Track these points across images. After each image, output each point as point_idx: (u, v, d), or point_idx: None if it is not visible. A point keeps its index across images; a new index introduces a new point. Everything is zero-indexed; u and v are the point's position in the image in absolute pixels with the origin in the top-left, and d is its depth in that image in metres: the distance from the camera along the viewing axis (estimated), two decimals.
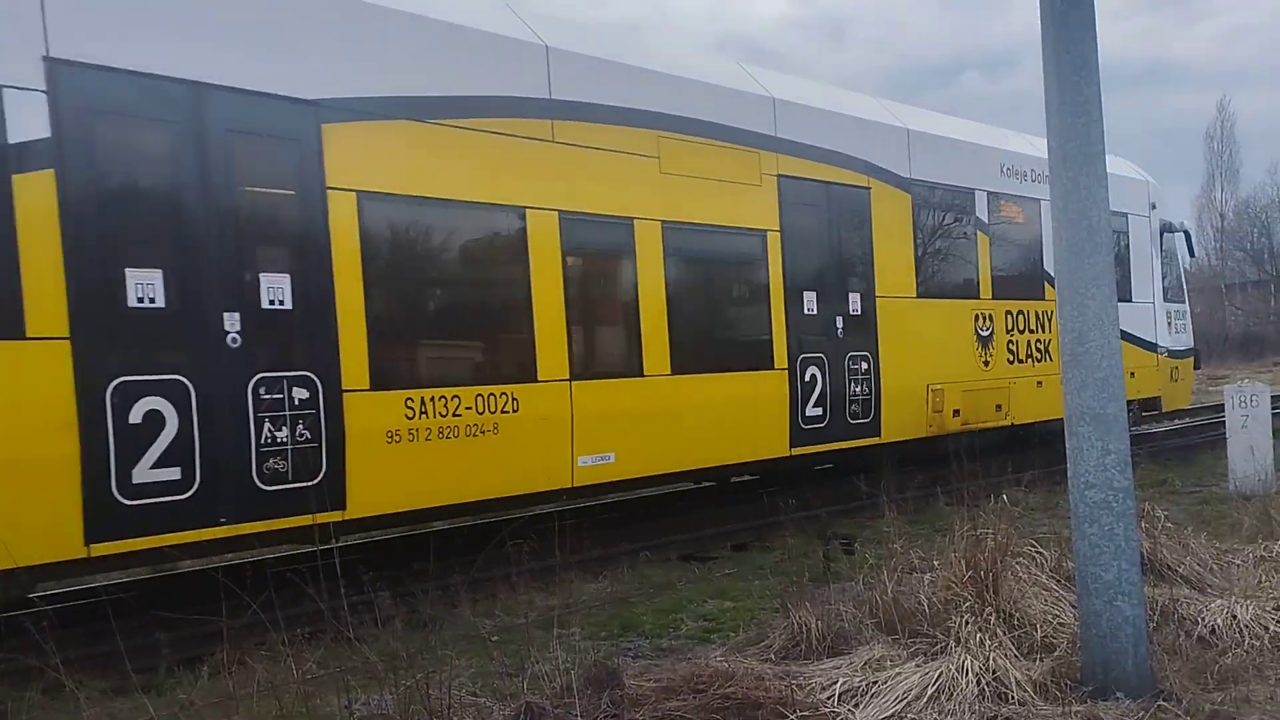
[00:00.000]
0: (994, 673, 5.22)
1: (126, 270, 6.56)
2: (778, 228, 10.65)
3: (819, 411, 10.99)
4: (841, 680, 5.33)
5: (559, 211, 8.83)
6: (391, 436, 7.70)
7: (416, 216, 8.18)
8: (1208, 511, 10.21)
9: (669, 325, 9.64)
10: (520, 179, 8.63)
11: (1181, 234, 17.38)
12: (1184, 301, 17.59)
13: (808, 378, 10.82)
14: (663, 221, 9.66)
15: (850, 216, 11.50)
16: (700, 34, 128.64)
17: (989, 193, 13.47)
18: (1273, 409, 12.51)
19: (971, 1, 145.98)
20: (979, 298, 13.25)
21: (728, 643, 6.46)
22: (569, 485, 8.92)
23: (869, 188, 11.71)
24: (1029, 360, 13.99)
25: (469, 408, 8.15)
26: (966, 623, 5.60)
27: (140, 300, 6.62)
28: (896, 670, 5.37)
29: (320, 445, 7.34)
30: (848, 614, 6.16)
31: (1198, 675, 5.35)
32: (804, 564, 8.47)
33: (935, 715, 4.97)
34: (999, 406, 13.47)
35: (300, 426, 7.26)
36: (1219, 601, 6.25)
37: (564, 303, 8.85)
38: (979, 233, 13.33)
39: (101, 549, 6.47)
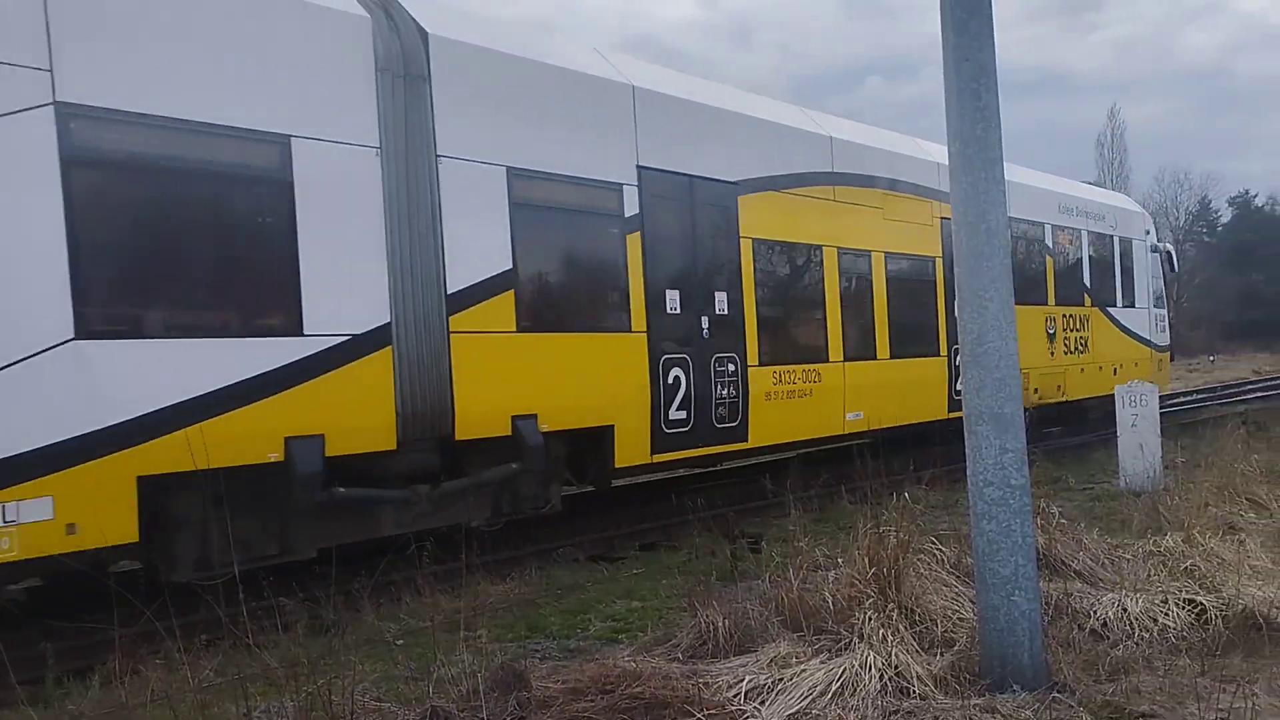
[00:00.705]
0: (896, 668, 5.31)
1: (665, 291, 10.66)
2: (940, 254, 14.82)
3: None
4: (748, 678, 5.37)
5: (837, 247, 13.13)
6: (768, 396, 11.86)
7: (776, 253, 12.46)
8: (1100, 508, 10.54)
9: (889, 323, 13.88)
10: (818, 225, 12.85)
11: (1166, 253, 21.36)
12: (1165, 308, 21.39)
13: (958, 362, 13.15)
14: (885, 252, 13.94)
15: None
16: (608, 33, 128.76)
17: (1053, 225, 17.83)
18: (1161, 409, 12.98)
19: (874, 8, 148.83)
20: (1047, 304, 17.50)
21: (635, 643, 6.47)
22: (841, 432, 12.96)
23: None
24: (1076, 352, 18.20)
25: (799, 378, 12.36)
26: (870, 619, 5.69)
27: (670, 309, 10.68)
28: (802, 667, 5.43)
29: (738, 399, 11.43)
30: (754, 612, 6.21)
31: (1090, 667, 5.51)
32: (711, 563, 8.53)
33: (839, 711, 5.03)
34: (1059, 386, 17.56)
35: (730, 388, 11.33)
36: (1110, 595, 6.45)
37: (840, 308, 13.09)
38: (1046, 255, 17.62)
39: (658, 458, 10.59)
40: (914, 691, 5.19)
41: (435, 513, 8.80)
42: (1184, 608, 6.24)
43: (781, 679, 5.34)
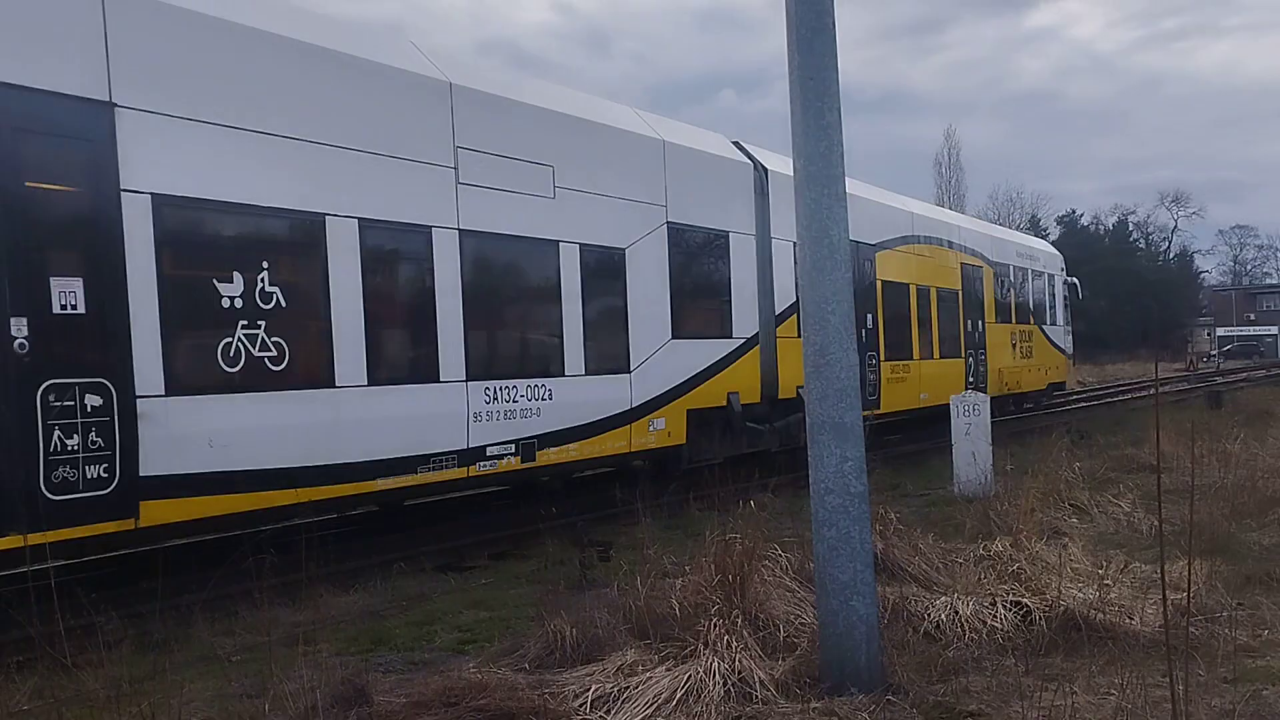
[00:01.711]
0: (739, 674, 5.40)
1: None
2: (960, 288, 21.08)
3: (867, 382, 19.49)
4: (595, 687, 5.37)
5: (916, 285, 19.02)
6: (888, 381, 17.33)
7: (891, 291, 17.85)
8: (935, 514, 10.92)
9: (936, 335, 19.71)
10: (907, 270, 18.71)
11: (1074, 285, 28.44)
12: (1070, 324, 28.40)
13: (971, 362, 21.34)
14: (934, 287, 19.81)
15: (981, 277, 22.21)
16: (461, 36, 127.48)
17: (1014, 266, 24.18)
18: (992, 418, 13.59)
19: (728, 22, 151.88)
20: (1011, 323, 23.79)
21: (483, 654, 6.39)
22: (917, 407, 18.75)
23: (983, 267, 22.36)
24: (1026, 358, 24.57)
25: (903, 369, 18.06)
26: (715, 625, 5.76)
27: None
28: (648, 675, 5.46)
29: (877, 380, 16.87)
30: (602, 620, 6.21)
31: (924, 668, 5.70)
32: (561, 572, 8.51)
33: (684, 718, 5.08)
34: (1017, 381, 24.03)
35: (871, 373, 16.61)
36: (944, 598, 6.69)
37: (916, 323, 18.94)
38: (1010, 288, 23.83)
39: None
40: (756, 696, 5.29)
41: (769, 439, 14.27)
42: (1011, 610, 6.51)
43: (628, 687, 5.36)
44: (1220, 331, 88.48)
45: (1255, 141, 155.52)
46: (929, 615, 6.49)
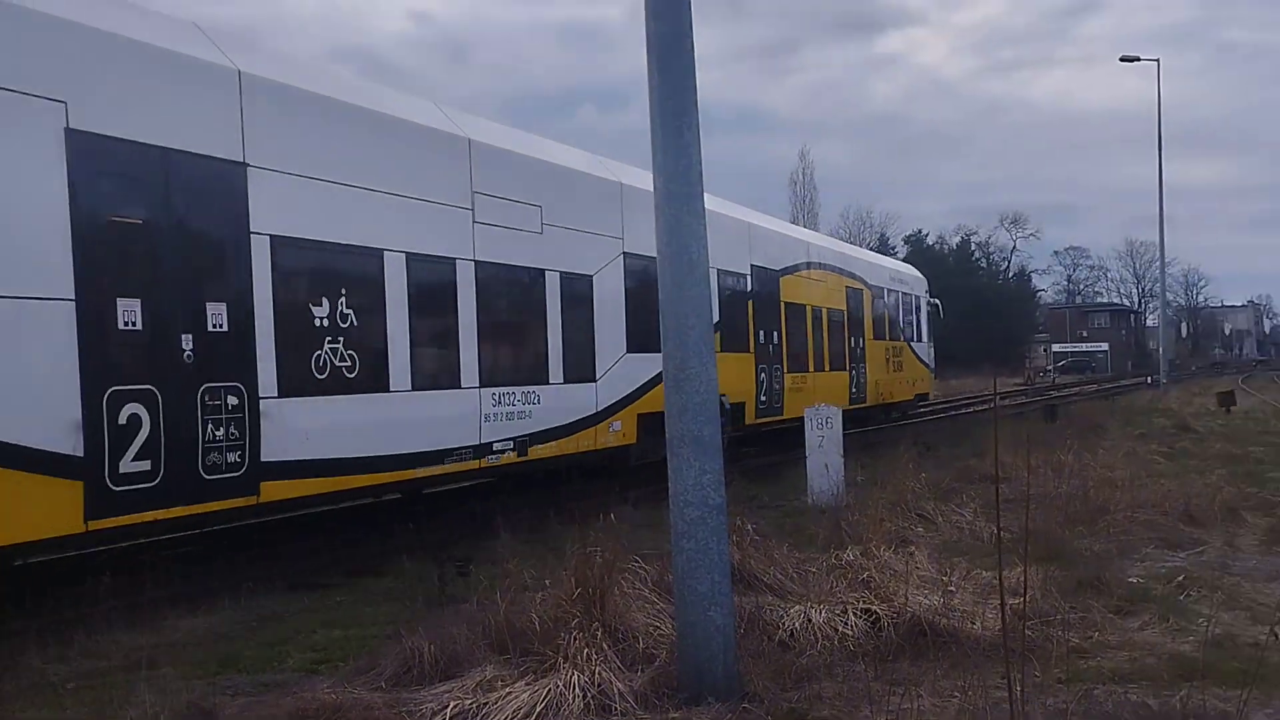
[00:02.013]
0: (599, 686, 5.42)
1: (760, 330, 18.42)
2: (846, 309, 23.30)
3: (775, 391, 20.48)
4: (453, 704, 5.33)
5: (812, 306, 21.18)
6: (790, 390, 19.60)
7: (794, 311, 20.16)
8: (790, 524, 11.15)
9: (822, 347, 21.80)
10: (807, 293, 20.82)
11: (937, 306, 31.36)
12: (933, 341, 31.30)
13: (854, 374, 23.59)
14: (825, 307, 22.07)
15: (862, 299, 24.64)
16: (317, 43, 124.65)
17: (887, 289, 26.88)
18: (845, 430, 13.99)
19: (589, 39, 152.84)
20: (886, 339, 26.39)
21: (337, 673, 6.25)
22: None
23: (863, 290, 24.86)
24: (897, 371, 27.32)
25: (801, 380, 20.15)
26: (575, 639, 5.77)
27: (760, 341, 18.41)
28: (507, 690, 5.44)
29: (781, 390, 19.03)
30: (461, 636, 6.15)
31: (778, 676, 5.83)
32: (420, 588, 8.38)
33: None
34: (891, 391, 26.59)
35: (778, 383, 18.88)
36: (798, 607, 6.85)
37: (812, 339, 21.15)
38: (885, 309, 26.50)
39: (759, 421, 18.46)
40: (616, 709, 5.32)
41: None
42: (861, 617, 6.72)
43: (487, 703, 5.33)
44: (1056, 348, 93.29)
45: (1087, 167, 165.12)
46: (784, 624, 6.64)
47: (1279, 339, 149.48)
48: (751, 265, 18.10)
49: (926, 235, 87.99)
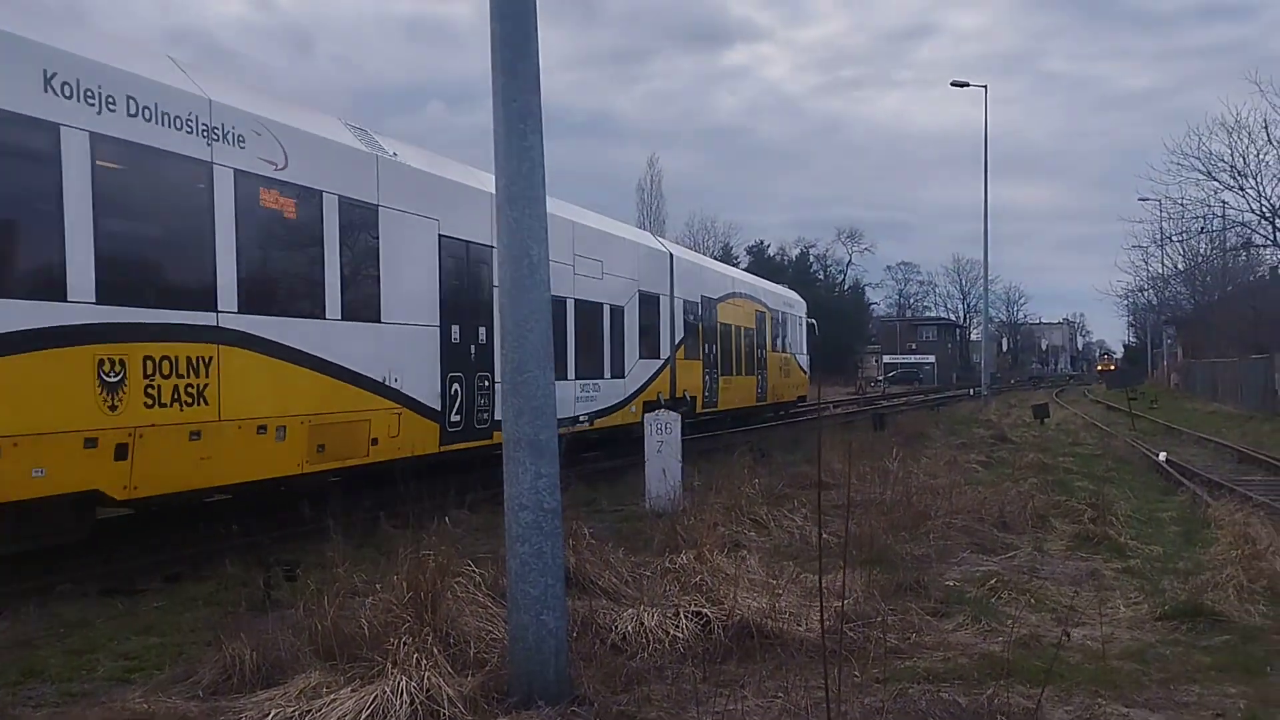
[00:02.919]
0: (428, 691, 5.35)
1: (686, 342, 23.67)
2: (755, 327, 28.82)
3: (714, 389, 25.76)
4: (274, 712, 5.18)
5: (735, 325, 26.99)
6: (723, 389, 26.53)
7: (724, 329, 26.40)
8: (627, 528, 11.26)
9: (741, 357, 27.66)
10: (734, 316, 27.07)
11: (813, 324, 37.53)
12: (810, 353, 36.91)
13: (760, 378, 29.65)
14: (743, 327, 27.81)
15: (765, 320, 30.47)
16: (148, 26, 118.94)
17: (781, 311, 32.83)
18: (684, 436, 14.20)
19: (435, 33, 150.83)
20: (781, 352, 32.74)
21: (150, 682, 5.99)
22: (735, 407, 27.60)
23: (765, 312, 30.73)
24: (785, 377, 33.01)
25: (729, 381, 26.79)
26: (405, 644, 5.69)
27: (689, 349, 24.20)
28: (333, 697, 5.32)
29: (715, 387, 25.59)
30: (285, 643, 5.99)
31: (609, 679, 5.87)
32: (243, 593, 8.10)
33: None
34: (779, 396, 32.23)
35: (714, 383, 25.47)
36: (631, 610, 6.93)
37: (735, 351, 27.25)
38: (768, 328, 31.02)
39: (705, 410, 25.78)
40: (444, 714, 5.26)
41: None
42: (692, 620, 6.84)
43: (310, 710, 5.20)
44: (886, 359, 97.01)
45: (920, 186, 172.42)
46: (616, 627, 6.70)
47: (1090, 355, 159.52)
48: (702, 296, 24.51)
49: (768, 246, 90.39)
